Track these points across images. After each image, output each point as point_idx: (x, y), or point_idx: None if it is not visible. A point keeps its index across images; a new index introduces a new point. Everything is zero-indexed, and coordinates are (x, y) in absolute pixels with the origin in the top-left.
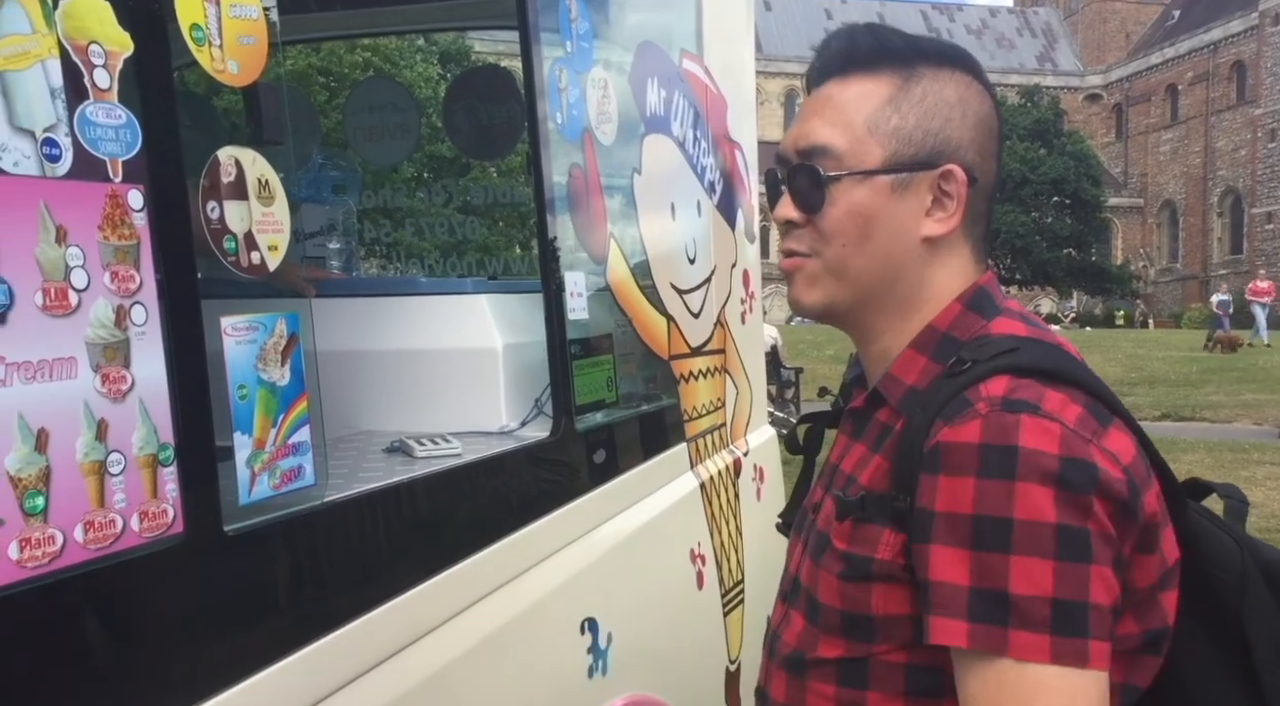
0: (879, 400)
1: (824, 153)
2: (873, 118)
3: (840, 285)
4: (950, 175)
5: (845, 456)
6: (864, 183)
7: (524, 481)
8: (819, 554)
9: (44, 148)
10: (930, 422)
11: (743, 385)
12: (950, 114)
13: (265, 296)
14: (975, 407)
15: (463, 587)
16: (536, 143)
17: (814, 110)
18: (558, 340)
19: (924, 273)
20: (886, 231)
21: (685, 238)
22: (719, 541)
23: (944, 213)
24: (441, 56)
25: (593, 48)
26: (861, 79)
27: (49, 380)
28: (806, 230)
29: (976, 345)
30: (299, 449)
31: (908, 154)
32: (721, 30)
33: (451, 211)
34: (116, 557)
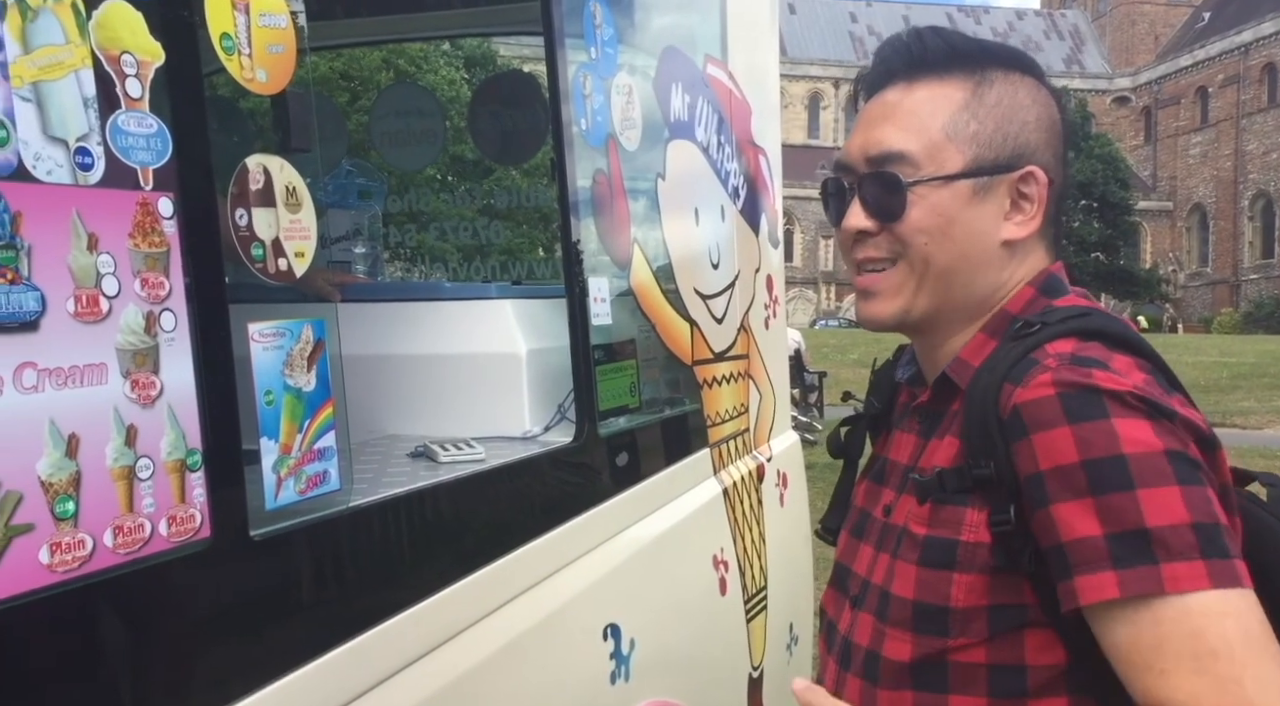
0: (949, 388)
1: (900, 159)
2: (950, 123)
3: (921, 290)
4: (1030, 178)
5: (921, 454)
6: (944, 188)
7: (547, 487)
8: (896, 547)
9: (77, 157)
10: (999, 386)
11: (766, 390)
12: (1025, 117)
13: (291, 302)
14: (1043, 364)
15: (486, 593)
16: (561, 148)
17: (882, 116)
18: (581, 345)
19: (1000, 275)
20: (966, 235)
21: (709, 242)
22: (742, 548)
23: (1023, 215)
24: (466, 61)
25: (617, 53)
26: (931, 83)
27: (80, 386)
28: (882, 237)
29: (1043, 313)
30: (324, 454)
31: (988, 158)
32: (746, 35)
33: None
34: (145, 562)
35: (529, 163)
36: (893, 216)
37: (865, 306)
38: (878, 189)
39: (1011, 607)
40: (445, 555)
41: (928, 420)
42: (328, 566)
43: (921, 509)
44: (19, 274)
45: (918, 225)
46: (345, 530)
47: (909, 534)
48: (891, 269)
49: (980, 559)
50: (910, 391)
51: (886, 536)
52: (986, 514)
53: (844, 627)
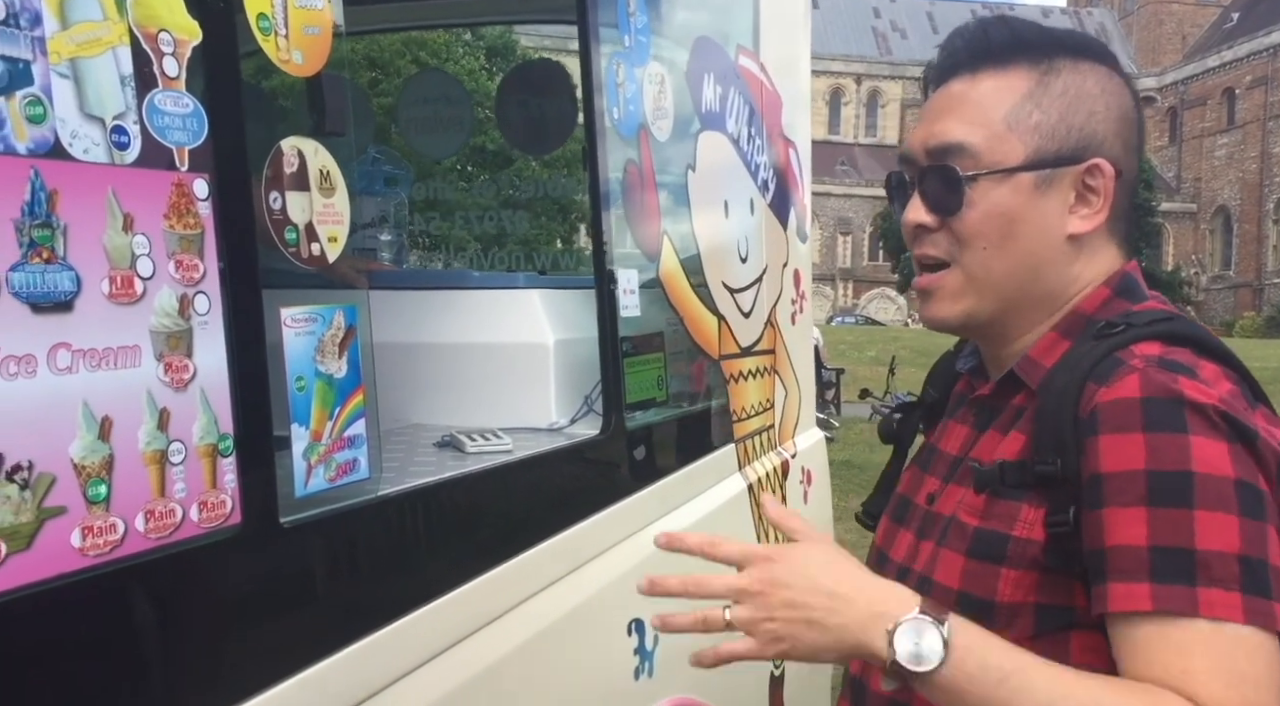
0: (1014, 385)
1: (960, 152)
2: (1012, 114)
3: (983, 295)
4: (1096, 170)
5: (974, 446)
6: (1005, 181)
7: (574, 479)
8: (941, 536)
9: (113, 135)
10: (1081, 386)
11: (791, 386)
12: (1093, 107)
13: (321, 288)
14: (1130, 364)
15: (512, 585)
16: (593, 137)
17: (944, 108)
18: (610, 337)
19: (1068, 271)
20: (1029, 231)
21: (738, 236)
22: (766, 545)
23: (1089, 209)
24: (487, 51)
25: (650, 42)
26: (995, 74)
27: (114, 368)
28: (941, 234)
29: (1124, 314)
30: (354, 442)
31: (1050, 150)
32: (778, 27)
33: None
34: (175, 547)
35: (554, 153)
36: (950, 211)
37: (927, 308)
38: (936, 182)
39: (1059, 608)
40: (472, 547)
41: (984, 413)
42: (356, 555)
43: (975, 500)
44: (54, 253)
45: (976, 226)
46: (374, 519)
47: (958, 523)
48: (948, 272)
49: (1030, 556)
50: (969, 381)
51: (929, 525)
52: (1044, 512)
53: None
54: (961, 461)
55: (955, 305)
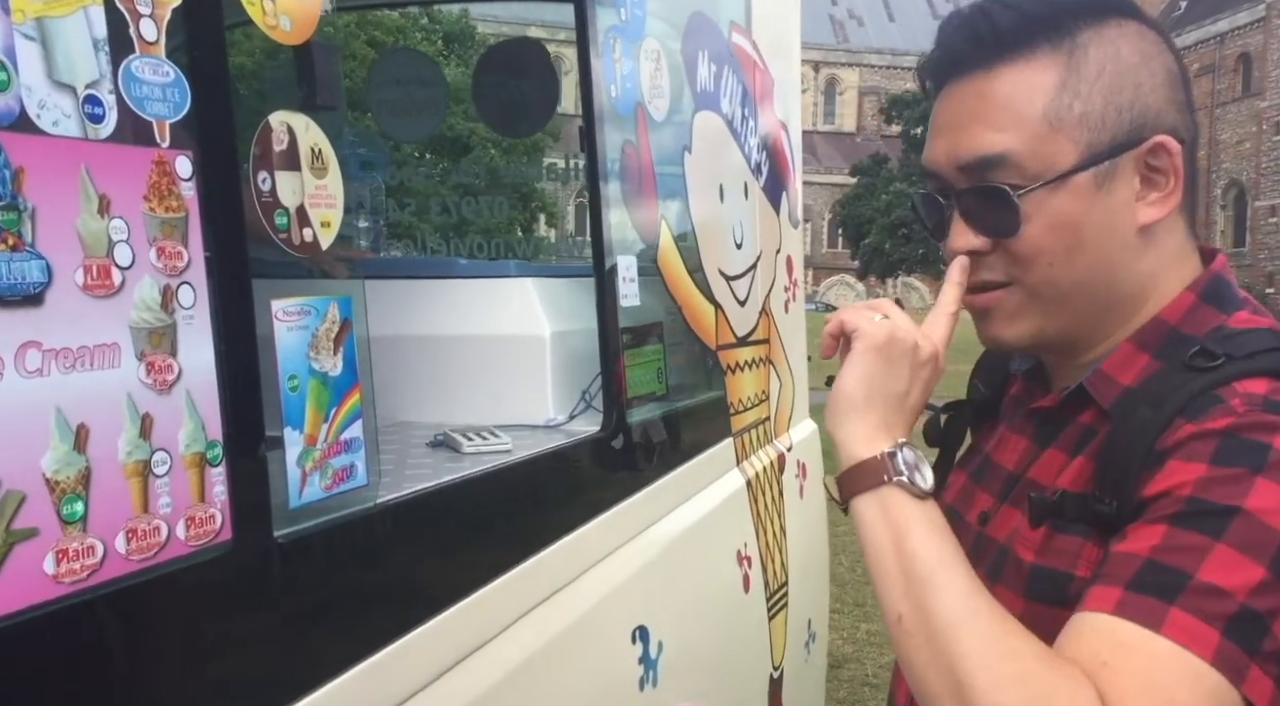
0: (1082, 400)
1: (1001, 164)
2: (1051, 109)
3: (1049, 312)
4: (1160, 149)
5: (1033, 463)
6: (1062, 188)
7: (577, 480)
8: (997, 571)
9: (86, 106)
10: (1167, 422)
11: (785, 377)
12: (1138, 78)
13: (310, 278)
14: (1229, 404)
15: (518, 594)
16: (591, 116)
17: (966, 114)
18: (610, 328)
19: (1143, 265)
20: (1098, 234)
21: (733, 221)
22: (764, 543)
23: (1158, 192)
24: (445, 36)
25: (645, 16)
26: (1014, 65)
27: (90, 369)
28: (995, 256)
29: (1221, 338)
30: (351, 445)
31: (1104, 140)
32: (770, 4)
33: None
34: (160, 569)
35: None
36: (1006, 233)
37: (987, 329)
38: (982, 204)
39: None
40: (475, 556)
41: (1045, 426)
42: (354, 570)
43: (1032, 533)
44: (21, 239)
45: (1038, 243)
46: (373, 530)
47: (1014, 557)
48: (1007, 290)
49: None
50: (1026, 385)
51: (981, 549)
52: (1104, 551)
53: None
54: (1019, 480)
55: (1019, 325)
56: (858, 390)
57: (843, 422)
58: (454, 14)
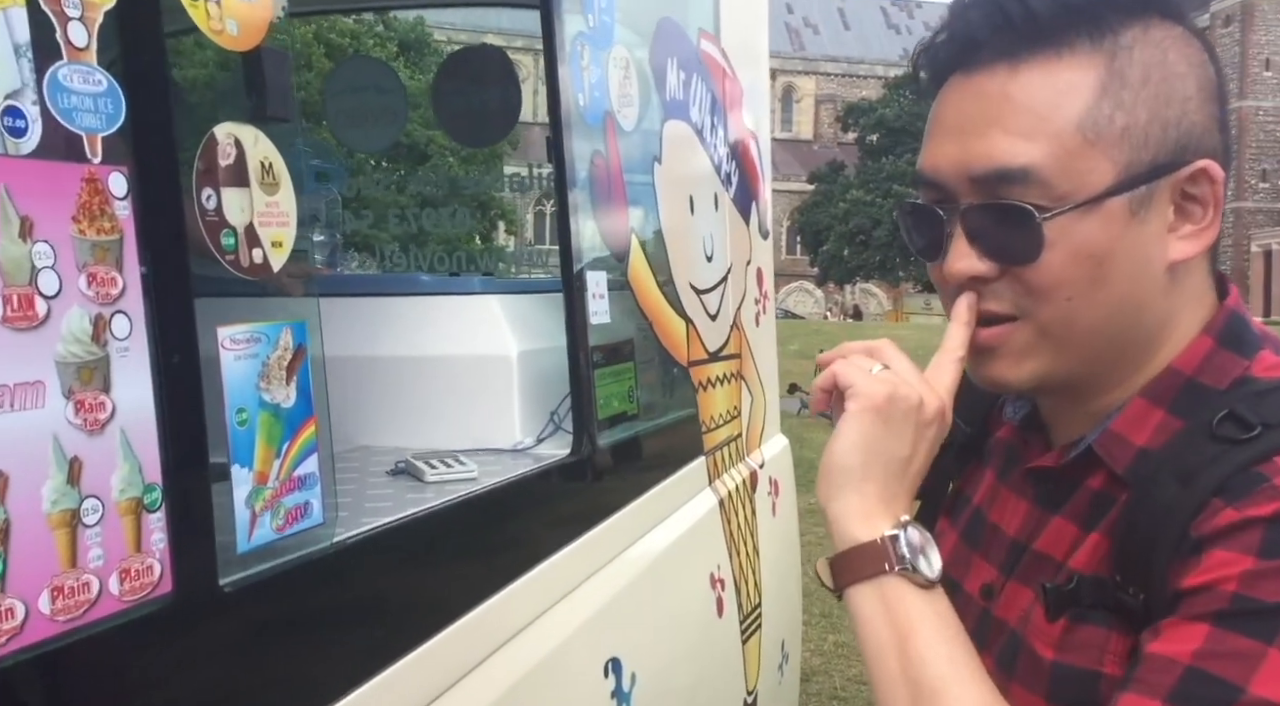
0: (1091, 462)
1: (1024, 179)
2: (1088, 118)
3: (1060, 353)
4: (1202, 175)
5: (1039, 532)
6: (1092, 212)
7: (546, 507)
8: (1009, 661)
9: (6, 118)
10: (1203, 501)
11: (757, 392)
12: (1185, 91)
13: (260, 297)
14: (1273, 484)
15: (485, 634)
16: (559, 126)
17: (985, 115)
18: (579, 346)
19: (1166, 306)
20: (1125, 269)
21: (703, 233)
22: (738, 563)
23: (1193, 225)
24: (400, 43)
25: (614, 22)
26: (1047, 60)
27: (10, 410)
28: (1004, 283)
29: (1249, 397)
30: (306, 482)
31: (1145, 161)
32: (739, 10)
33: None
34: (90, 629)
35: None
36: (1022, 260)
37: (986, 367)
38: (995, 224)
39: None
40: (440, 593)
41: (1049, 487)
42: (309, 615)
43: (1049, 627)
44: None
45: (1058, 274)
46: (330, 572)
47: (1030, 651)
48: (1014, 325)
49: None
50: (1020, 435)
51: (988, 631)
52: (1131, 643)
53: None
54: (1024, 549)
55: (1025, 365)
56: (854, 458)
57: (837, 496)
58: (409, 21)
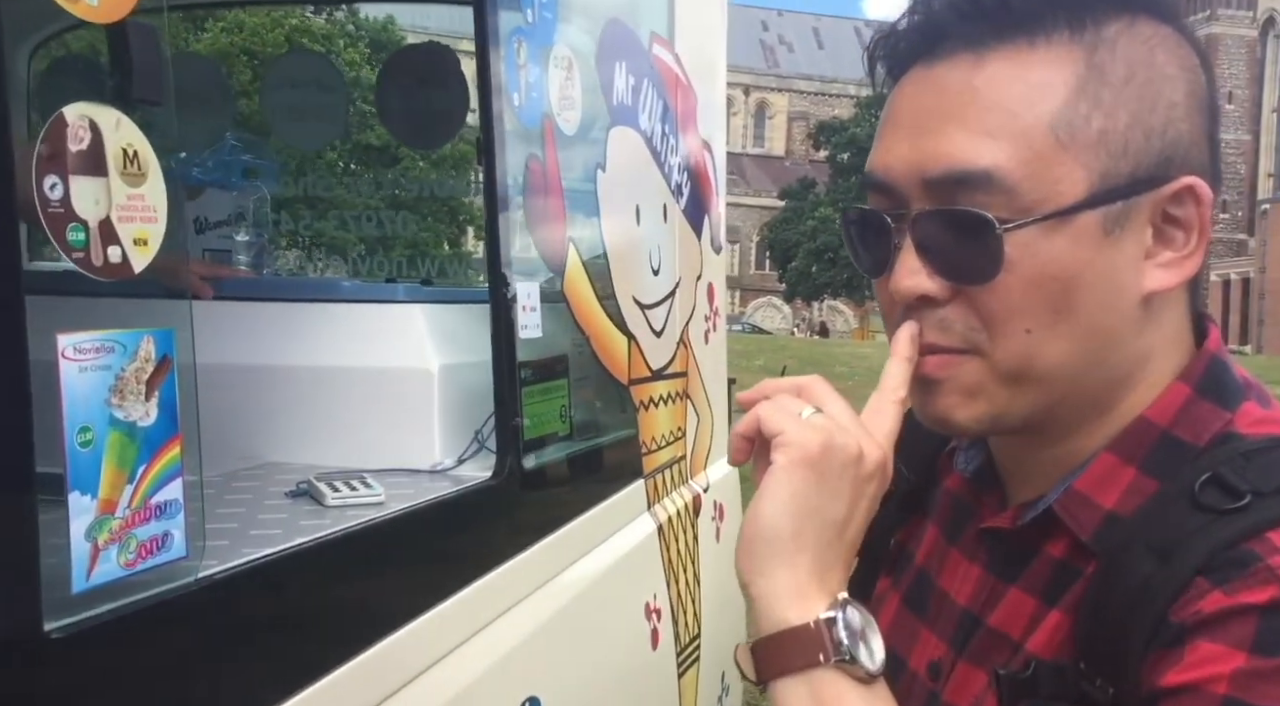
0: (1052, 525)
1: (985, 184)
2: (1061, 117)
3: (1018, 392)
4: (1187, 194)
5: (994, 604)
6: (1061, 227)
7: (462, 534)
8: None
9: None
10: (1185, 581)
11: (704, 412)
12: (1172, 96)
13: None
14: (1268, 565)
15: (380, 673)
16: (490, 126)
17: (944, 110)
18: (506, 361)
19: (1139, 345)
20: (1095, 298)
21: (649, 245)
22: (676, 592)
23: (1173, 251)
24: (371, 43)
25: (556, 19)
26: (1018, 50)
27: None
28: (954, 308)
29: (1235, 458)
30: (166, 510)
31: (1123, 171)
32: (694, 15)
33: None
34: None
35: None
36: (976, 279)
37: (931, 405)
38: (948, 235)
39: None
40: (330, 632)
41: (1004, 551)
42: (164, 665)
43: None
44: None
45: (1017, 300)
46: (193, 612)
47: None
48: (963, 357)
49: None
50: (972, 489)
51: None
52: None
53: None
54: (977, 623)
55: (974, 406)
56: (783, 523)
57: (763, 571)
58: (379, 21)
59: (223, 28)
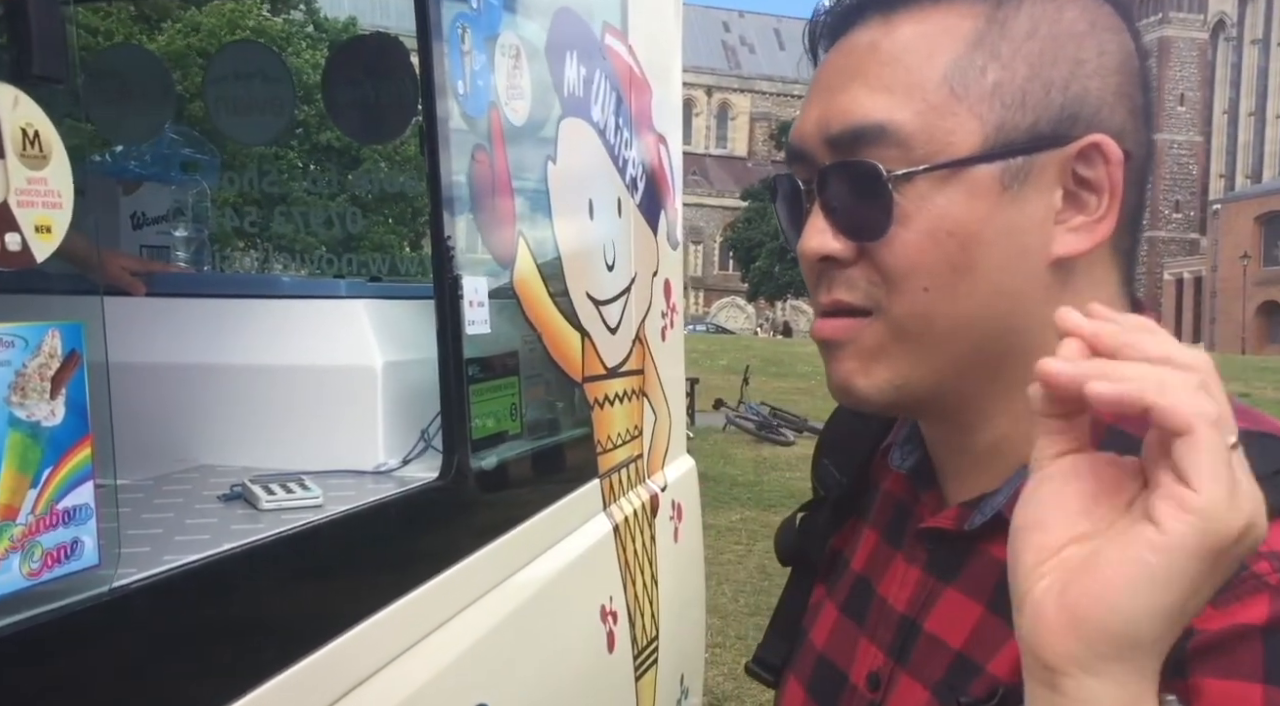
0: (996, 523)
1: (879, 136)
2: (955, 69)
3: (920, 356)
4: (1094, 152)
5: (931, 606)
6: (954, 180)
7: (405, 538)
8: None
9: None
10: None
11: (661, 410)
12: (1080, 53)
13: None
14: (1253, 571)
15: (316, 683)
16: (432, 114)
17: (847, 71)
18: (452, 358)
19: (1051, 312)
20: (997, 255)
21: (604, 240)
22: (633, 594)
23: (1084, 215)
24: (331, 44)
25: (504, 5)
26: (922, 10)
27: None
28: (858, 269)
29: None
30: (75, 515)
31: (1021, 124)
32: (649, 4)
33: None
34: None
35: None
36: (871, 232)
37: (835, 372)
38: (847, 188)
39: None
40: (258, 643)
41: (943, 550)
42: (72, 680)
43: None
44: None
45: (912, 255)
46: (105, 624)
47: None
48: (866, 320)
49: None
50: (911, 487)
51: None
52: None
53: None
54: (915, 630)
55: (876, 371)
56: (1151, 624)
57: (1097, 668)
58: (340, 22)
59: (179, 29)
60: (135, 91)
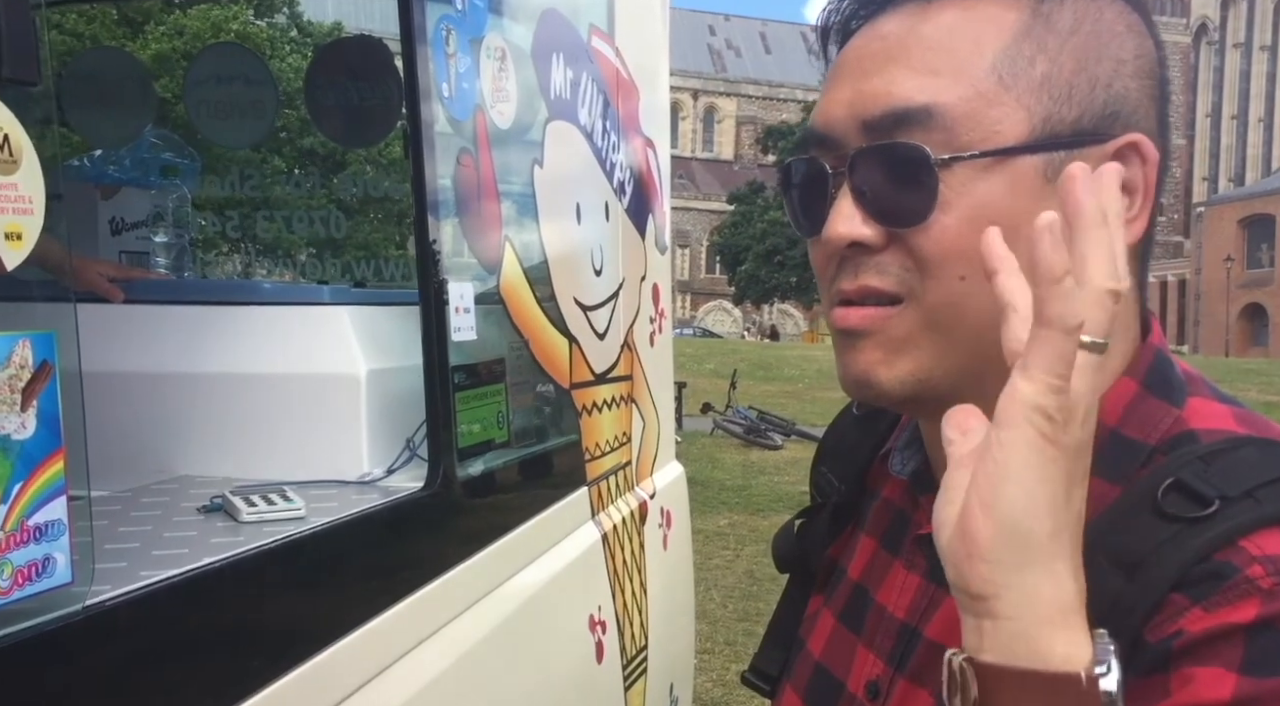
0: None
1: (924, 120)
2: (1004, 58)
3: (946, 348)
4: (1133, 151)
5: (932, 613)
6: (998, 168)
7: (391, 549)
8: None
9: None
10: (1159, 599)
11: (650, 416)
12: (1119, 53)
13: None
14: (1246, 575)
15: (299, 700)
16: (417, 117)
17: (884, 54)
18: (438, 365)
19: None
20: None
21: (591, 245)
22: (622, 603)
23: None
24: (316, 48)
25: (488, 8)
26: (964, 1)
27: None
28: (889, 255)
29: (1194, 461)
30: (47, 532)
31: (1067, 118)
32: (635, 7)
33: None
34: None
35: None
36: (910, 220)
37: (855, 362)
38: (886, 172)
39: None
40: (237, 660)
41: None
42: (44, 704)
43: None
44: None
45: (953, 243)
46: (78, 643)
47: None
48: (895, 309)
49: None
50: (910, 493)
51: None
52: None
53: None
54: (916, 637)
55: (899, 362)
56: (1041, 511)
57: (1012, 581)
58: (326, 26)
59: (163, 32)
60: (114, 95)
